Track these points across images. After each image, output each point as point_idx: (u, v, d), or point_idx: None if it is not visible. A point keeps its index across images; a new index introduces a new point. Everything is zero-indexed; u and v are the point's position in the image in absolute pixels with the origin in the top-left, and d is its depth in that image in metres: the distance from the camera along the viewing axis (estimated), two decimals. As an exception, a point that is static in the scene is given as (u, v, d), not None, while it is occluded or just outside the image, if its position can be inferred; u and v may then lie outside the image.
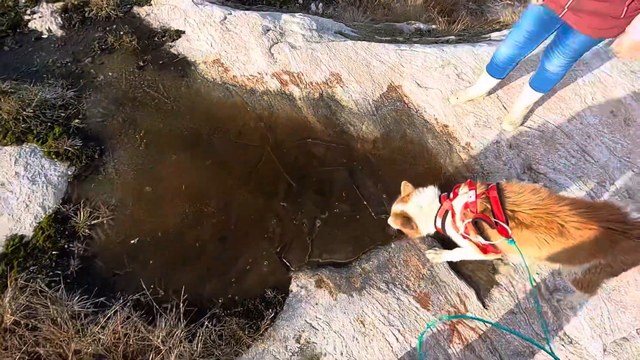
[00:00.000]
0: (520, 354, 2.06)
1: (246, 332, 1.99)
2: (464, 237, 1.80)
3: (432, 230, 1.96)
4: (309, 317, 2.08)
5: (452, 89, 2.94)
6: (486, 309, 2.16)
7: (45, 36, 3.11)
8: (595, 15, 1.83)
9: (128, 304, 2.03)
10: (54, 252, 2.17)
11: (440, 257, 2.22)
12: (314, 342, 2.01)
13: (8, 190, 2.32)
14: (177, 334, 1.89)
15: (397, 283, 2.20)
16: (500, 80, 2.62)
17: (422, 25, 3.89)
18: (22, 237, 2.21)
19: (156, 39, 3.16)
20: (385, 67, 3.07)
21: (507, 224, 1.63)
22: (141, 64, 3.00)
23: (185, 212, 2.40)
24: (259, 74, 2.98)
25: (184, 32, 3.18)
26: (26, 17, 3.18)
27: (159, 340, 1.86)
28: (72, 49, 3.06)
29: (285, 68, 3.01)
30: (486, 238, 1.74)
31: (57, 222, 2.27)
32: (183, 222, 2.37)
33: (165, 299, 2.09)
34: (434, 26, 3.93)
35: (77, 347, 1.83)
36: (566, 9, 1.90)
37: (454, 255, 2.14)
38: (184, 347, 1.87)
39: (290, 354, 1.98)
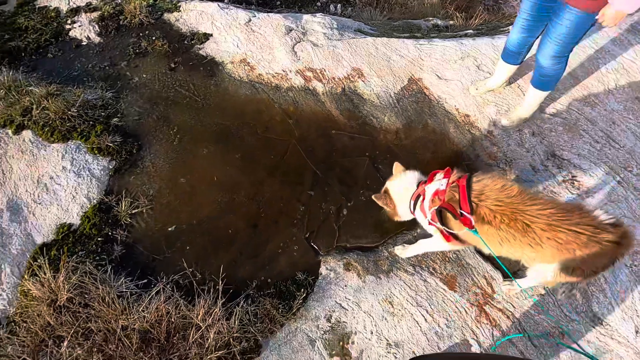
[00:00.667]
0: (550, 334, 2.07)
1: (279, 312, 2.08)
2: (430, 224, 1.83)
3: (408, 213, 1.98)
4: (339, 298, 2.16)
5: (472, 80, 2.99)
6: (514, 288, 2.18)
7: (84, 43, 3.35)
8: None
9: (169, 285, 2.15)
10: (99, 239, 2.34)
11: (407, 251, 2.25)
12: (344, 322, 2.08)
13: (57, 183, 2.51)
14: (215, 312, 2.00)
15: (423, 266, 2.25)
16: (516, 66, 2.66)
17: (439, 22, 3.96)
18: (70, 225, 2.38)
19: (186, 42, 3.35)
20: (405, 61, 3.15)
21: (472, 215, 1.64)
22: (172, 65, 3.18)
23: (218, 201, 2.53)
24: (284, 71, 3.11)
25: (211, 35, 3.35)
26: (67, 27, 3.43)
27: (199, 318, 1.98)
28: (109, 54, 3.28)
29: (309, 65, 3.14)
30: (450, 227, 1.75)
31: (101, 211, 2.43)
32: (216, 210, 2.50)
33: (202, 281, 2.21)
34: (451, 22, 3.99)
35: (125, 324, 1.96)
36: None
37: (419, 248, 2.16)
38: (222, 324, 1.98)
39: (322, 332, 2.06)
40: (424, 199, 1.83)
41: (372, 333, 2.04)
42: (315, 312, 2.11)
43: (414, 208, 1.90)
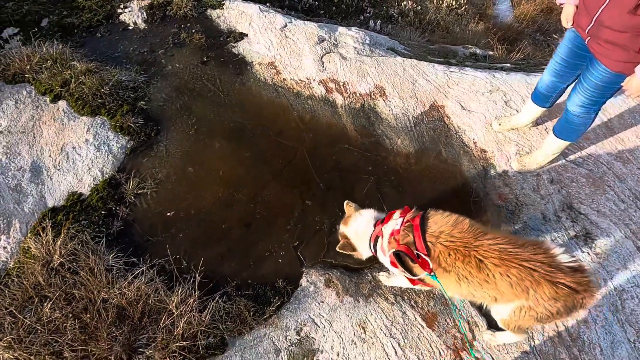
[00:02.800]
0: (527, 397, 1.93)
1: (252, 315, 2.09)
2: (393, 266, 1.74)
3: (370, 254, 1.90)
4: (313, 312, 2.14)
5: (497, 115, 2.88)
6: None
7: (130, 28, 3.57)
8: (616, 46, 1.74)
9: (154, 268, 2.23)
10: (102, 212, 2.47)
11: (390, 280, 2.17)
12: (313, 337, 2.06)
13: (77, 153, 2.69)
14: (189, 303, 2.05)
15: (405, 297, 2.18)
16: (544, 109, 2.53)
17: (478, 50, 3.85)
18: (80, 194, 2.53)
19: (221, 38, 3.48)
20: (431, 86, 3.09)
21: (429, 256, 1.55)
22: (205, 59, 3.32)
23: (219, 196, 2.59)
24: (308, 79, 3.15)
25: (246, 35, 3.46)
26: (119, 10, 3.68)
27: (174, 305, 2.03)
28: (150, 40, 3.47)
29: (333, 76, 3.16)
30: (410, 270, 1.66)
31: (110, 186, 2.57)
32: (215, 204, 2.56)
33: (186, 270, 2.27)
34: (491, 52, 3.87)
35: (105, 296, 2.05)
36: (588, 35, 1.85)
37: (401, 282, 2.07)
38: (193, 315, 2.02)
39: (290, 343, 2.04)
40: (382, 239, 1.77)
41: (338, 355, 2.00)
42: (287, 322, 2.10)
43: (375, 249, 1.83)
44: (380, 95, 3.05)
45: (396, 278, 2.08)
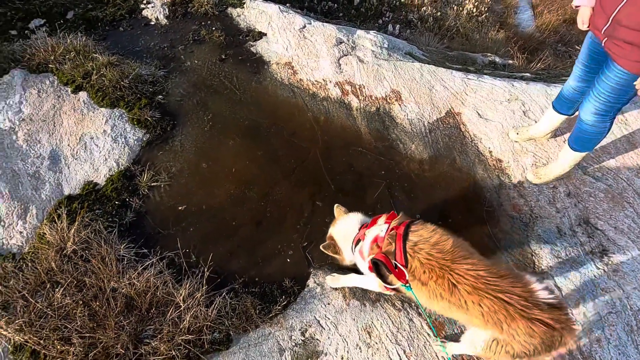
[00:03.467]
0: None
1: (258, 313, 2.09)
2: (370, 271, 1.72)
3: (352, 257, 1.89)
4: (319, 314, 2.13)
5: (514, 125, 2.84)
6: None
7: (152, 23, 3.63)
8: (634, 45, 1.69)
9: (164, 260, 2.25)
10: (116, 202, 2.50)
11: (338, 281, 2.16)
12: (317, 339, 2.05)
13: (95, 143, 2.74)
14: (197, 297, 2.06)
15: (413, 305, 2.16)
16: (565, 117, 2.49)
17: (497, 59, 3.80)
18: (95, 184, 2.58)
19: (240, 37, 3.51)
20: (448, 92, 3.06)
21: (406, 268, 1.52)
22: (223, 57, 3.35)
23: (231, 193, 2.61)
24: (324, 80, 3.15)
25: (265, 34, 3.49)
26: (142, 6, 3.74)
27: (181, 298, 2.05)
28: (171, 36, 3.53)
29: (349, 79, 3.15)
30: (386, 277, 1.64)
31: (125, 178, 2.61)
32: (227, 200, 2.57)
33: (195, 264, 2.29)
34: (510, 61, 3.81)
35: (115, 286, 2.08)
36: (604, 36, 1.81)
37: (350, 281, 2.08)
38: (200, 309, 2.03)
39: (294, 344, 2.04)
40: (362, 242, 1.76)
41: (342, 358, 1.99)
42: (292, 323, 2.10)
43: (354, 251, 1.82)
44: (396, 99, 3.03)
45: (347, 278, 2.10)
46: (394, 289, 1.70)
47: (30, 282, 2.07)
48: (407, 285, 1.55)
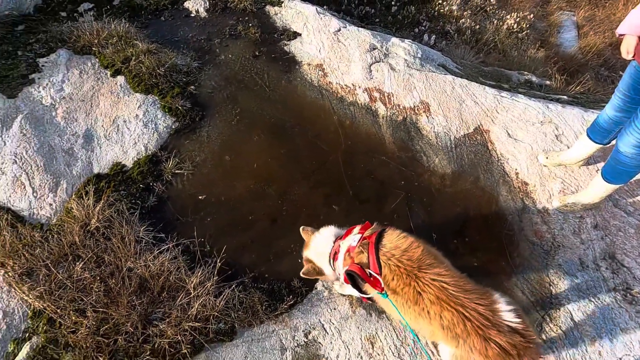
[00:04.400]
0: None
1: (264, 309, 2.12)
2: (346, 282, 1.68)
3: (332, 273, 1.83)
4: (324, 318, 2.13)
5: (545, 148, 2.74)
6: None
7: (192, 15, 3.74)
8: None
9: (179, 246, 2.32)
10: (141, 185, 2.59)
11: (345, 289, 2.11)
12: (320, 343, 2.05)
13: (127, 127, 2.84)
14: (207, 286, 2.11)
15: (420, 320, 2.12)
16: (600, 146, 2.38)
17: (534, 78, 3.69)
18: (123, 165, 2.68)
19: (275, 35, 3.56)
20: (478, 108, 3.00)
21: (381, 275, 1.50)
22: (257, 53, 3.41)
23: (250, 187, 2.65)
24: (353, 85, 3.15)
25: (300, 35, 3.52)
26: (184, -2, 3.86)
27: (192, 285, 2.10)
28: (209, 29, 3.62)
29: (379, 86, 3.14)
30: (360, 289, 1.62)
31: (151, 162, 2.70)
32: (245, 194, 2.62)
33: (209, 254, 2.34)
34: (548, 82, 3.69)
35: (131, 266, 2.16)
36: None
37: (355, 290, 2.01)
38: (209, 299, 2.07)
39: (296, 344, 2.05)
40: (336, 257, 1.74)
41: (342, 365, 1.98)
42: (297, 323, 2.11)
43: (334, 266, 1.78)
44: (424, 111, 3.00)
45: (350, 289, 2.05)
46: (369, 299, 1.69)
47: (54, 253, 2.17)
48: (383, 292, 1.53)
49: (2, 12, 3.34)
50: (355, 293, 1.82)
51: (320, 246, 1.84)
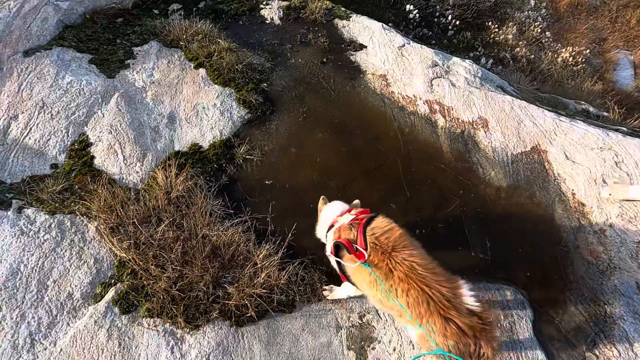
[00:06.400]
0: None
1: (323, 288, 2.25)
2: (331, 254, 1.86)
3: (320, 236, 2.08)
4: (378, 304, 2.24)
5: (604, 173, 2.78)
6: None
7: (267, 22, 4.08)
8: None
9: (246, 223, 2.51)
10: (215, 165, 2.84)
11: (334, 293, 2.22)
12: (373, 326, 2.16)
13: (205, 113, 3.13)
14: (273, 260, 2.28)
15: (471, 319, 2.19)
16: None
17: (591, 108, 3.73)
18: (200, 146, 2.94)
19: (342, 45, 3.82)
20: (536, 129, 3.08)
21: (366, 250, 1.65)
22: (324, 60, 3.66)
23: (312, 179, 2.84)
24: (414, 96, 3.32)
25: (365, 47, 3.76)
26: (261, 6, 4.22)
27: (259, 258, 2.27)
28: (281, 35, 3.93)
29: (439, 99, 3.30)
30: (341, 264, 1.81)
31: (225, 146, 2.95)
32: (308, 184, 2.80)
33: (273, 232, 2.52)
34: (605, 113, 3.72)
35: (206, 233, 2.37)
36: None
37: (343, 292, 2.15)
38: (273, 271, 2.24)
39: (351, 324, 2.16)
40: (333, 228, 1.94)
41: (394, 350, 2.07)
42: (352, 305, 2.23)
43: (326, 235, 2.01)
44: (482, 126, 3.12)
45: (341, 289, 2.17)
46: (345, 276, 1.88)
47: (140, 214, 2.42)
48: (366, 262, 1.68)
49: (107, 5, 3.79)
50: (335, 266, 2.01)
51: (325, 216, 2.10)
